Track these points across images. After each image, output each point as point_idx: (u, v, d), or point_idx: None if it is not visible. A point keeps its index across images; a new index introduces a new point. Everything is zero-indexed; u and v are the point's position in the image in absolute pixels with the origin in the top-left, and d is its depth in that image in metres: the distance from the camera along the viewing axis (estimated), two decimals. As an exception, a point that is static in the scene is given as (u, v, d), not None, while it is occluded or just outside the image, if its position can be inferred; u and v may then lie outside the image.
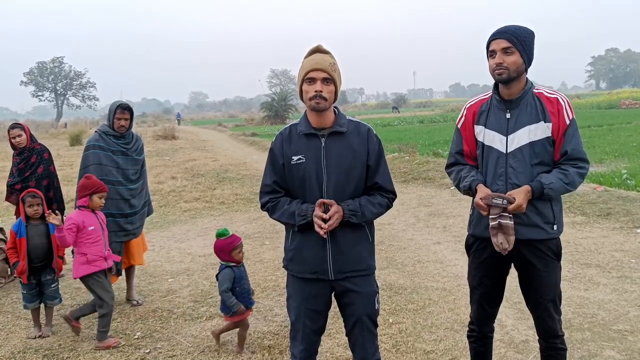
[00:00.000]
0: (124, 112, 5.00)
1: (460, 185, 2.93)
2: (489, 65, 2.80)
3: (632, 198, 8.47)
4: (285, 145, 2.77)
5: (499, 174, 2.81)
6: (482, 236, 2.91)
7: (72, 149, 24.85)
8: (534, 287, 2.89)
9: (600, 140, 18.28)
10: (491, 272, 2.97)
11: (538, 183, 2.70)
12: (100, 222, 4.48)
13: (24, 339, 4.58)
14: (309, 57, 2.70)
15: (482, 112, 2.92)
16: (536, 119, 2.77)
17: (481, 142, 2.90)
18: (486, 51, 2.84)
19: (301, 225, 2.68)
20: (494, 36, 2.77)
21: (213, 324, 4.73)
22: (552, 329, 2.91)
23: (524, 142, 2.77)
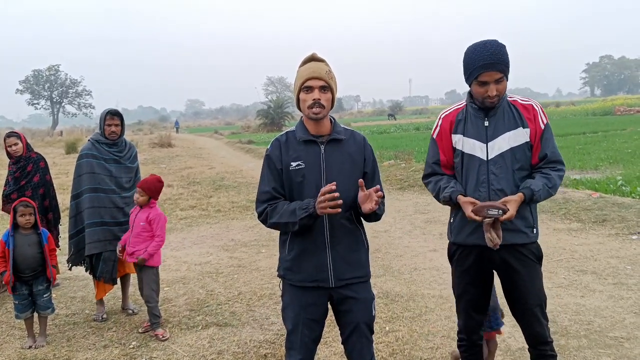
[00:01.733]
0: (113, 117, 4.99)
1: (440, 195, 2.94)
2: (477, 92, 2.81)
3: (627, 204, 8.50)
4: (284, 151, 2.76)
5: (481, 181, 2.85)
6: (464, 244, 2.94)
7: (68, 157, 24.79)
8: (519, 293, 2.89)
9: (595, 146, 18.34)
10: (475, 280, 3.00)
11: (529, 190, 2.75)
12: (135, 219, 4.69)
13: (18, 349, 4.55)
14: (304, 66, 2.70)
15: (460, 121, 2.95)
16: (514, 125, 2.84)
17: (460, 150, 2.93)
18: (469, 74, 2.82)
19: (303, 219, 2.58)
20: (487, 68, 2.73)
21: (209, 332, 4.72)
22: (541, 335, 2.91)
23: (505, 148, 2.83)
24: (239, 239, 8.39)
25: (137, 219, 4.63)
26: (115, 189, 5.01)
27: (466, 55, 2.83)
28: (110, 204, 4.95)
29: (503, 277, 2.96)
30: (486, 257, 2.90)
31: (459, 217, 2.94)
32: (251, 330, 4.72)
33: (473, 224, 2.83)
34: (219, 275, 6.49)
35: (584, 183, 10.80)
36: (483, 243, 2.80)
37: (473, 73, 2.78)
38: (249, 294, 5.72)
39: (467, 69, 2.83)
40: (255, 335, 4.63)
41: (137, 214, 4.65)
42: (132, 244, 4.62)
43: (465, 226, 2.89)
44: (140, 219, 4.61)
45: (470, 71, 2.80)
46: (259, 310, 5.22)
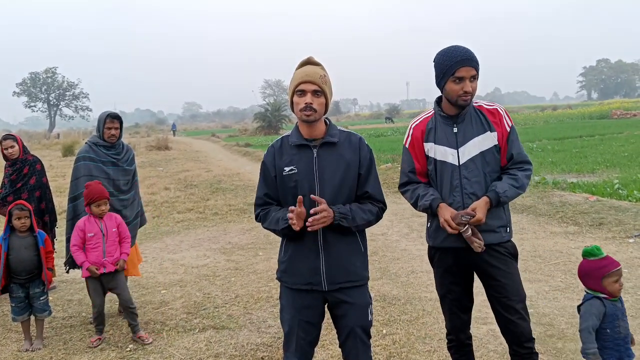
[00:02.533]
0: (113, 121, 4.99)
1: (419, 203, 3.01)
2: (452, 89, 2.87)
3: (624, 208, 8.51)
4: (277, 157, 2.78)
5: (455, 186, 2.94)
6: (441, 246, 3.03)
7: (64, 160, 24.75)
8: (501, 291, 2.94)
9: (592, 150, 18.38)
10: (457, 279, 3.07)
11: (494, 193, 2.87)
12: (103, 229, 4.52)
13: (14, 352, 4.54)
14: (299, 70, 2.71)
15: (430, 130, 3.03)
16: (482, 130, 2.95)
17: (432, 157, 3.01)
18: (444, 73, 2.88)
19: (284, 230, 2.67)
20: (464, 63, 2.82)
21: (206, 335, 4.71)
22: (527, 331, 2.93)
23: (475, 152, 2.93)
24: (236, 242, 8.38)
25: (107, 227, 4.54)
26: (113, 192, 4.99)
27: (440, 56, 2.91)
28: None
29: (483, 277, 3.02)
30: (463, 259, 2.98)
31: (435, 222, 3.01)
32: (248, 333, 4.72)
33: None
34: (216, 278, 6.49)
35: (580, 186, 10.82)
36: (459, 245, 2.91)
37: (450, 70, 2.84)
38: (246, 296, 5.71)
39: (442, 68, 2.89)
40: (252, 338, 4.62)
41: (104, 223, 4.54)
42: (110, 252, 4.53)
43: (440, 230, 2.97)
44: (111, 226, 4.56)
45: (446, 69, 2.86)
46: (256, 313, 5.22)
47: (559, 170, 13.97)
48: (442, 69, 2.89)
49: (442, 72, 2.89)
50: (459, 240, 2.89)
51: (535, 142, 22.77)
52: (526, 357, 2.94)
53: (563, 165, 14.78)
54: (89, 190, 4.49)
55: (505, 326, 2.98)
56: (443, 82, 2.91)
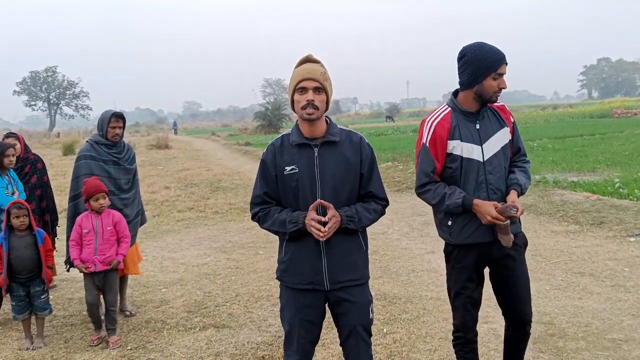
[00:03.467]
0: (118, 120, 4.99)
1: (447, 202, 2.96)
2: (491, 85, 2.92)
3: (625, 207, 8.50)
4: (278, 156, 2.76)
5: (480, 182, 2.99)
6: (464, 243, 3.05)
7: (65, 159, 24.76)
8: (515, 279, 3.07)
9: (592, 149, 18.36)
10: (473, 275, 3.11)
11: (518, 186, 3.01)
12: (98, 226, 4.51)
13: (15, 350, 4.54)
14: (299, 67, 2.70)
15: (455, 127, 3.00)
16: (499, 126, 3.06)
17: (459, 155, 2.98)
18: (487, 69, 2.90)
19: (292, 232, 2.67)
20: (505, 61, 2.92)
21: (207, 334, 4.71)
22: (529, 316, 3.12)
23: (497, 148, 3.02)
24: (237, 241, 8.38)
25: (102, 224, 4.53)
26: (114, 191, 4.99)
27: (479, 53, 2.91)
28: (109, 206, 4.93)
29: (497, 268, 3.10)
30: (486, 253, 3.04)
31: (460, 219, 3.01)
32: (249, 332, 4.72)
33: (475, 223, 2.96)
34: (217, 277, 6.49)
35: (581, 185, 10.81)
36: (484, 240, 2.98)
37: (493, 66, 2.89)
38: (246, 295, 5.71)
39: (484, 64, 2.89)
40: (252, 336, 4.62)
41: (100, 220, 4.54)
42: (102, 250, 4.52)
43: (466, 227, 3.00)
44: (107, 224, 4.55)
45: (489, 65, 2.89)
46: (256, 312, 5.22)
47: (560, 169, 13.95)
48: (485, 65, 2.89)
49: (485, 68, 2.89)
50: (485, 235, 2.97)
51: (535, 141, 22.75)
52: (522, 337, 3.19)
53: (564, 164, 14.77)
54: (87, 186, 4.51)
55: (511, 311, 3.13)
56: (482, 78, 2.91)
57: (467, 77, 2.96)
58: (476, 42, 2.96)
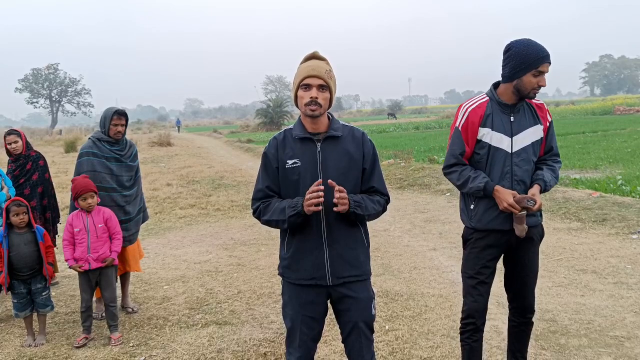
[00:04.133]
0: (120, 118, 4.99)
1: (470, 185, 3.09)
2: (530, 82, 3.00)
3: (627, 204, 8.49)
4: (280, 150, 2.76)
5: (505, 172, 3.09)
6: (484, 228, 3.15)
7: (67, 156, 24.79)
8: (525, 269, 3.22)
9: (595, 146, 18.34)
10: (489, 260, 3.20)
11: (542, 182, 3.10)
12: (89, 224, 4.49)
13: (17, 347, 4.54)
14: (305, 64, 2.69)
15: (488, 115, 3.11)
16: (534, 122, 3.15)
17: (487, 143, 3.10)
18: (529, 65, 2.99)
19: (291, 217, 2.62)
20: (548, 59, 3.00)
21: (209, 331, 4.71)
22: (533, 304, 3.29)
23: (527, 142, 3.11)
24: (239, 238, 8.38)
25: (93, 222, 4.52)
26: (116, 187, 4.99)
27: (524, 48, 3.00)
28: (112, 202, 4.93)
29: (511, 256, 3.24)
30: (503, 240, 3.15)
31: (482, 204, 3.13)
32: (251, 329, 4.72)
33: (496, 210, 3.08)
34: (219, 273, 6.49)
35: (583, 182, 10.80)
36: (504, 228, 3.09)
37: (535, 63, 2.97)
38: (248, 292, 5.72)
39: (527, 60, 2.98)
40: (254, 333, 4.62)
41: (91, 218, 4.52)
42: (95, 248, 4.50)
43: (487, 212, 3.12)
44: (98, 221, 4.54)
45: (531, 61, 2.98)
46: (258, 308, 5.22)
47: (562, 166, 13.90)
48: (527, 61, 2.98)
49: (527, 64, 2.98)
50: (506, 222, 3.08)
51: (537, 138, 22.68)
52: (524, 324, 3.33)
53: (566, 161, 14.75)
54: (74, 185, 4.49)
55: (517, 298, 3.29)
56: (522, 73, 3.00)
57: (509, 71, 3.05)
58: (524, 38, 3.05)
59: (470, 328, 3.23)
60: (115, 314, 4.64)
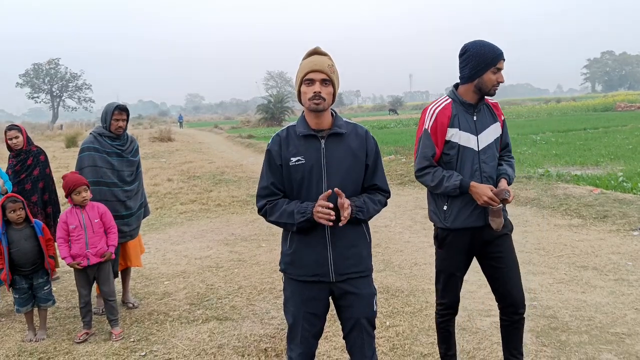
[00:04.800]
0: (121, 113, 4.98)
1: (445, 184, 3.14)
2: (490, 79, 3.13)
3: (628, 200, 8.49)
4: (284, 147, 2.74)
5: (475, 170, 3.19)
6: (460, 227, 3.22)
7: (68, 151, 24.80)
8: (504, 262, 3.25)
9: (596, 142, 18.32)
10: (465, 257, 3.33)
11: (507, 176, 3.23)
12: (85, 220, 4.47)
13: (18, 342, 4.55)
14: (307, 59, 2.68)
15: (455, 116, 3.21)
16: (493, 120, 3.30)
17: (456, 142, 3.19)
18: (487, 64, 3.11)
19: (300, 223, 2.63)
20: (502, 56, 3.14)
21: (209, 326, 4.71)
22: (522, 297, 3.28)
23: (491, 139, 3.25)
24: (239, 233, 8.38)
25: (89, 218, 4.50)
26: (117, 182, 4.99)
27: (480, 48, 3.13)
28: (113, 197, 4.94)
29: (487, 252, 3.28)
30: (478, 237, 3.24)
31: (456, 204, 3.20)
32: (251, 325, 4.72)
33: (469, 208, 3.17)
34: (219, 269, 6.49)
35: (584, 179, 10.78)
36: (477, 224, 3.18)
37: (493, 61, 3.10)
38: (249, 288, 5.72)
39: (485, 59, 3.11)
40: (255, 329, 4.62)
41: (86, 214, 4.50)
42: (93, 243, 4.49)
43: (462, 211, 3.20)
44: (94, 216, 4.52)
45: (489, 60, 3.11)
46: (259, 304, 5.22)
47: (563, 163, 13.92)
48: (484, 60, 3.11)
49: (485, 63, 3.11)
50: (480, 219, 3.17)
51: (539, 135, 22.70)
52: (517, 321, 3.30)
53: (567, 158, 14.73)
54: (65, 181, 4.45)
55: (504, 295, 3.29)
56: (482, 72, 3.13)
57: (469, 71, 3.16)
58: (477, 40, 3.18)
59: (448, 318, 3.46)
60: (115, 308, 4.64)
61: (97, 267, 4.56)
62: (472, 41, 3.20)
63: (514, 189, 10.26)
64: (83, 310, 4.60)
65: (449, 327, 3.49)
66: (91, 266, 4.51)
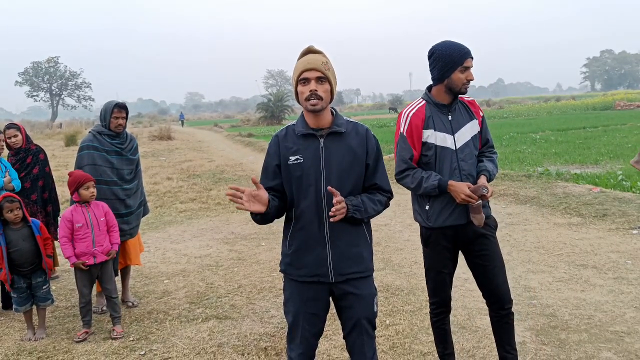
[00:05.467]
0: (121, 111, 4.98)
1: (424, 185, 3.19)
2: (459, 78, 3.16)
3: (627, 199, 8.49)
4: (282, 146, 2.74)
5: (454, 168, 3.22)
6: (443, 226, 3.26)
7: (67, 150, 24.79)
8: (489, 260, 3.27)
9: (595, 141, 18.32)
10: (452, 255, 3.36)
11: (487, 172, 3.25)
12: (91, 218, 4.47)
13: (17, 341, 4.55)
14: (301, 59, 2.67)
15: (429, 117, 3.25)
16: (469, 118, 3.32)
17: (433, 143, 3.23)
18: (454, 63, 3.15)
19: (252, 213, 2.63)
20: (470, 55, 3.17)
21: (209, 325, 4.71)
22: (508, 292, 3.31)
23: (467, 137, 3.27)
24: (239, 232, 8.38)
25: (95, 216, 4.49)
26: (117, 181, 4.99)
27: (446, 49, 3.17)
28: (112, 196, 4.93)
29: (472, 249, 3.31)
30: (461, 234, 3.27)
31: (437, 203, 3.24)
32: (251, 323, 4.72)
33: (451, 207, 3.20)
34: (219, 268, 6.49)
35: (584, 177, 10.78)
36: (460, 222, 3.22)
37: (460, 60, 3.13)
38: (249, 287, 5.72)
39: (451, 59, 3.15)
40: (255, 328, 4.62)
41: (92, 212, 4.50)
42: (99, 241, 4.49)
43: (443, 210, 3.23)
44: (99, 214, 4.52)
45: (456, 59, 3.14)
46: (259, 303, 5.22)
47: (562, 162, 13.93)
48: (451, 60, 3.14)
49: (452, 63, 3.14)
50: (462, 217, 3.21)
51: (538, 133, 22.70)
52: (505, 316, 3.33)
53: (566, 156, 14.74)
54: (73, 177, 4.46)
55: (490, 291, 3.32)
56: (450, 72, 3.16)
57: (438, 73, 3.21)
58: (443, 41, 3.22)
59: (442, 316, 3.48)
60: (118, 305, 4.66)
61: (103, 265, 4.56)
62: (439, 42, 3.23)
63: (512, 187, 10.29)
64: (83, 309, 4.59)
65: (444, 326, 3.51)
66: (96, 265, 4.51)
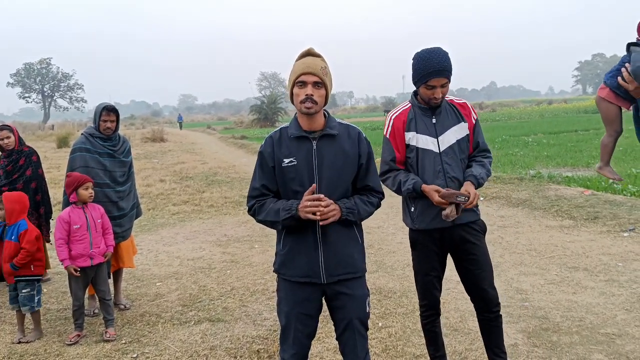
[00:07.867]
0: (109, 114, 4.97)
1: (403, 188, 3.20)
2: (425, 93, 3.15)
3: (619, 202, 8.54)
4: (276, 148, 2.75)
5: (438, 171, 3.20)
6: (427, 228, 3.26)
7: (59, 151, 24.67)
8: (476, 264, 3.27)
9: (587, 144, 18.41)
10: (439, 257, 3.35)
11: (473, 177, 3.18)
12: (89, 219, 4.46)
13: (8, 344, 4.52)
14: (300, 61, 2.68)
15: (411, 120, 3.27)
16: (457, 121, 3.27)
17: (414, 146, 3.24)
18: (419, 79, 3.13)
19: (285, 220, 2.64)
20: (437, 75, 3.05)
21: (202, 328, 4.70)
22: (495, 297, 3.30)
23: (452, 141, 3.23)
24: (232, 235, 8.37)
25: (92, 217, 4.49)
26: (109, 183, 4.98)
27: (416, 62, 3.14)
28: (105, 198, 4.91)
29: (459, 252, 3.30)
30: (447, 237, 3.26)
31: (420, 205, 3.24)
32: (244, 326, 4.72)
33: (434, 209, 3.16)
34: (212, 270, 6.48)
35: (575, 180, 10.84)
36: (445, 225, 3.18)
37: (423, 78, 3.10)
38: (241, 289, 5.71)
39: (417, 74, 3.14)
40: (248, 330, 4.62)
41: (90, 213, 4.49)
42: (97, 243, 4.48)
43: (426, 212, 3.22)
44: (96, 217, 4.52)
45: (420, 76, 3.12)
46: (251, 305, 5.21)
47: (554, 164, 14.00)
48: (417, 75, 3.14)
49: (417, 77, 3.14)
50: (444, 220, 3.13)
51: (530, 136, 22.81)
52: (494, 319, 3.33)
53: (558, 159, 14.81)
54: (72, 178, 4.45)
55: (477, 295, 3.32)
56: (417, 84, 3.19)
57: (412, 80, 3.22)
58: (424, 50, 3.14)
59: (432, 318, 3.47)
60: (112, 307, 4.66)
61: (99, 267, 4.56)
62: (423, 49, 3.17)
63: (504, 189, 10.33)
64: (77, 312, 4.57)
65: (435, 329, 3.51)
66: (92, 267, 4.50)
